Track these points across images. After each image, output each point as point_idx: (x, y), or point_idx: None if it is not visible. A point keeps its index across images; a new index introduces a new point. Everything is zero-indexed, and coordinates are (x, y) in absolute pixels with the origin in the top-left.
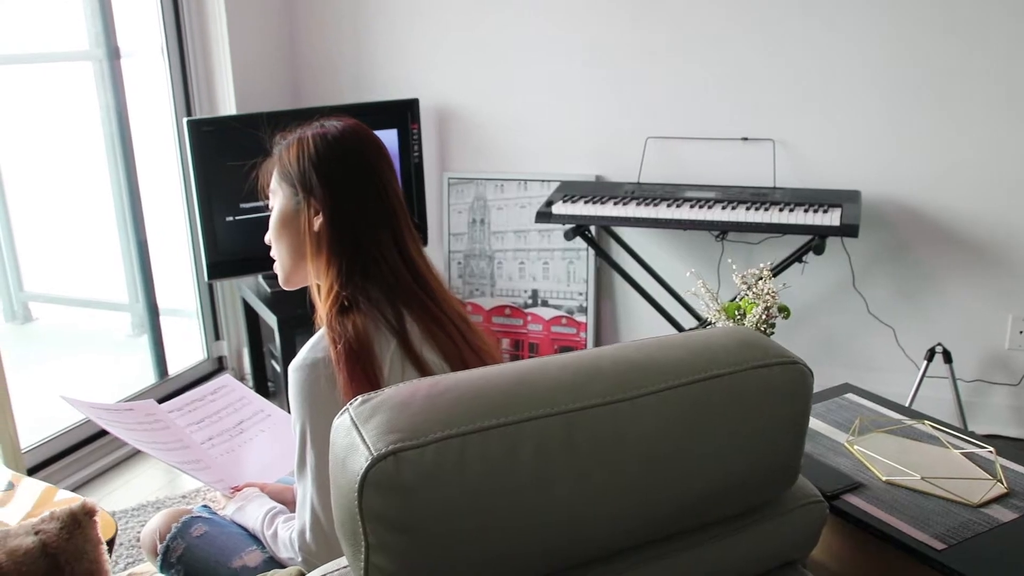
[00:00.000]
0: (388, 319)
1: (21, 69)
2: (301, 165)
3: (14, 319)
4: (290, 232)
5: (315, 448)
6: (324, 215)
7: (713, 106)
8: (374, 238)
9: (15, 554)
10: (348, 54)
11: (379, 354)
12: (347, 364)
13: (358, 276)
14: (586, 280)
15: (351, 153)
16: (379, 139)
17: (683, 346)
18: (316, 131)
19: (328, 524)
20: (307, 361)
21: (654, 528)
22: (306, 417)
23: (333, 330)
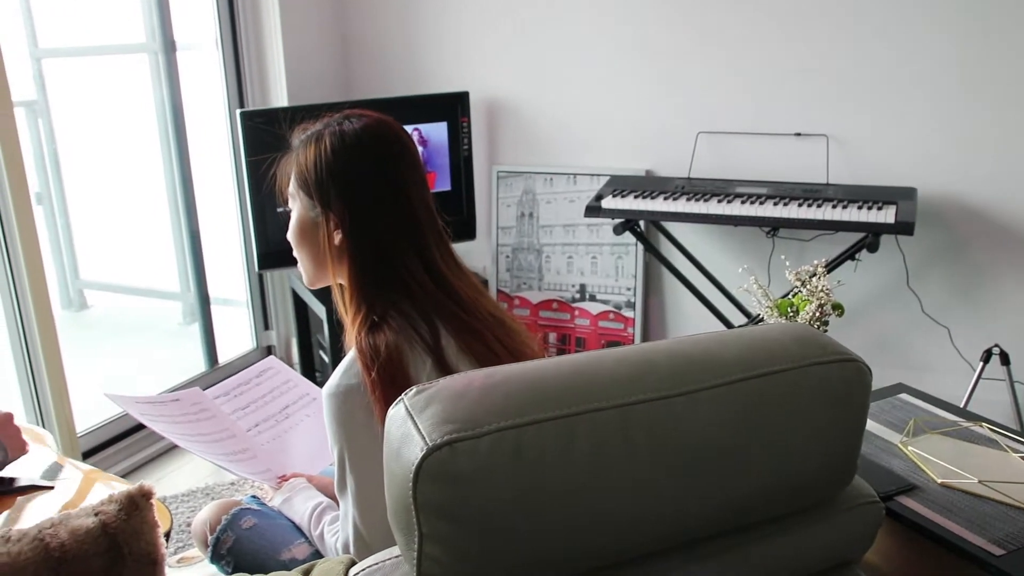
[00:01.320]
0: (422, 335)
1: (80, 62)
2: (318, 172)
3: (70, 306)
4: (310, 243)
5: (355, 472)
6: (343, 231)
7: (766, 101)
8: (398, 253)
9: (77, 533)
10: (399, 47)
11: (414, 376)
12: (382, 392)
13: (383, 291)
14: (634, 275)
15: (370, 160)
16: (404, 137)
17: (740, 342)
18: (334, 130)
19: (372, 540)
20: (340, 388)
21: (708, 525)
22: (344, 443)
23: (364, 355)
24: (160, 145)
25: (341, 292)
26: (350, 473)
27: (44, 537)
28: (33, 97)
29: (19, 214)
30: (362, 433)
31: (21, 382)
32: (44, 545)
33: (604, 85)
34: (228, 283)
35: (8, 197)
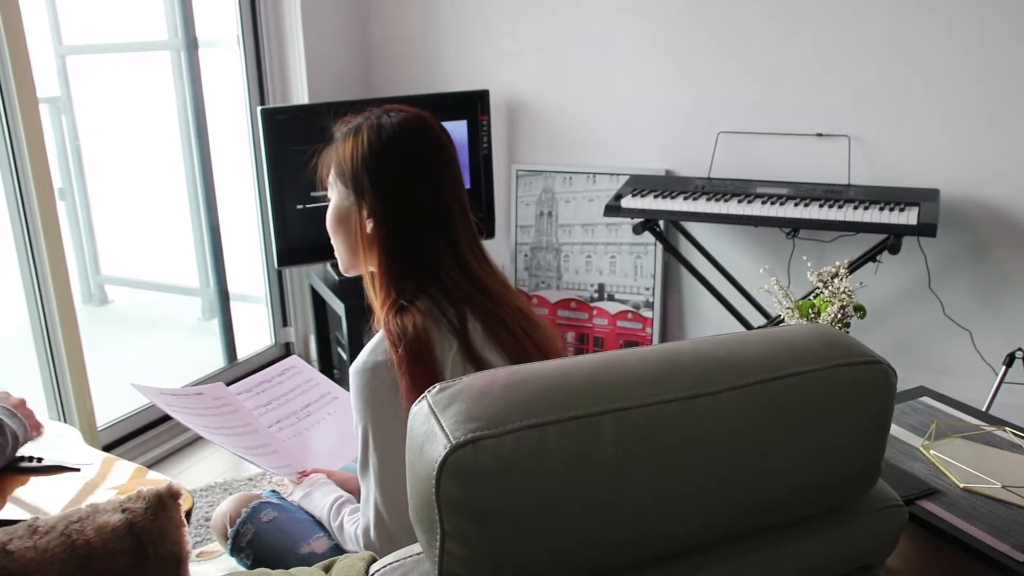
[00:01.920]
0: (449, 319)
1: (103, 59)
2: (354, 164)
3: (91, 301)
4: (345, 230)
5: (378, 450)
6: (375, 221)
7: (787, 101)
8: (428, 245)
9: (103, 530)
10: (419, 45)
11: (440, 356)
12: (408, 368)
13: (412, 280)
14: (653, 275)
15: (406, 154)
16: (442, 133)
17: (764, 342)
18: (372, 123)
19: (392, 523)
20: (368, 365)
21: (730, 526)
22: (368, 420)
23: (391, 333)
24: (181, 142)
25: (372, 279)
26: (373, 452)
27: (70, 533)
28: (57, 93)
29: (43, 209)
30: (387, 411)
31: (43, 375)
32: (71, 542)
33: (625, 84)
34: (247, 279)
35: (32, 192)
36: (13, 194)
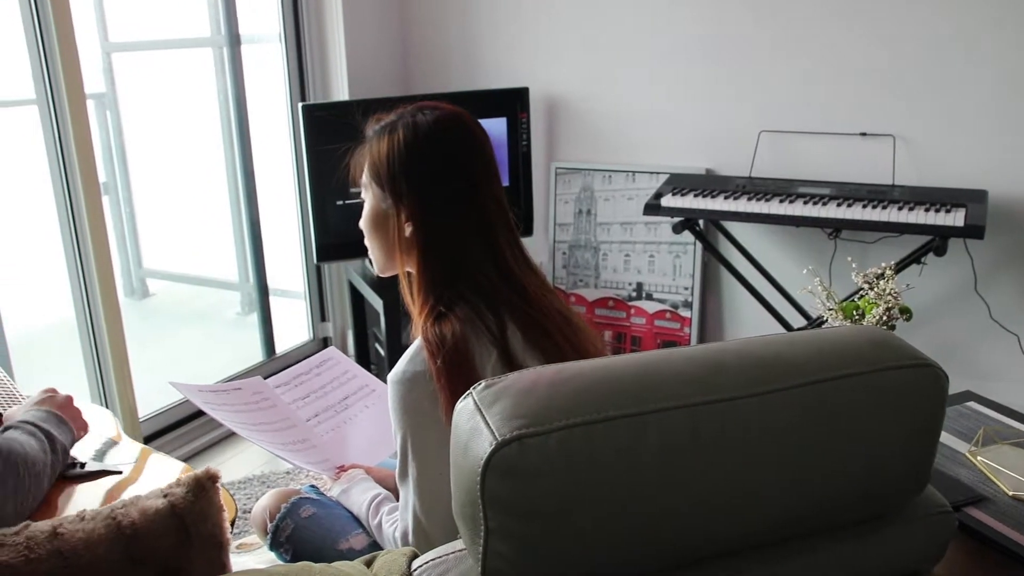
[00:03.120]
0: (488, 327)
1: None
2: (390, 165)
3: (133, 294)
4: (381, 233)
5: (417, 459)
6: (414, 225)
7: (830, 100)
8: (467, 248)
9: (147, 513)
10: (459, 42)
11: (479, 366)
12: (448, 381)
13: (451, 283)
14: (692, 275)
15: (443, 153)
16: (478, 130)
17: (812, 343)
18: (407, 122)
19: (431, 530)
20: (407, 375)
21: (776, 529)
22: (407, 430)
23: (430, 343)
24: (222, 137)
25: (409, 282)
26: (412, 461)
27: (116, 516)
28: (102, 90)
29: (89, 204)
30: (426, 420)
31: (87, 367)
32: (116, 523)
33: (665, 82)
34: (286, 274)
35: (79, 187)
36: (60, 188)
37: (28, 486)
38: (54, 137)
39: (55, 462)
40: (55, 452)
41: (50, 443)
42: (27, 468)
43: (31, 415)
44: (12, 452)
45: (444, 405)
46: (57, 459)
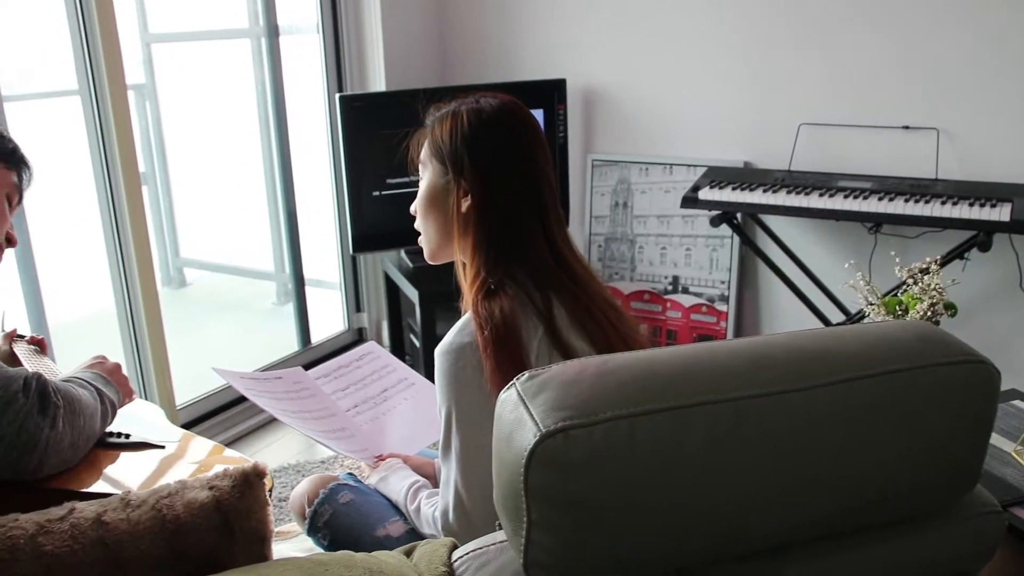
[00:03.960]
0: (536, 304)
1: (186, 47)
2: (454, 142)
3: (170, 283)
4: (437, 210)
5: (460, 432)
6: (473, 199)
7: (873, 92)
8: (522, 225)
9: (191, 506)
10: (497, 33)
11: (526, 340)
12: (494, 350)
13: (504, 261)
14: (729, 268)
15: (505, 135)
16: (535, 119)
17: (859, 338)
18: (471, 106)
19: (472, 506)
20: (454, 346)
21: (820, 525)
22: (452, 402)
23: (479, 315)
24: (260, 128)
25: (463, 267)
26: (456, 433)
27: (161, 508)
28: (142, 81)
29: (129, 194)
30: (471, 392)
31: (127, 355)
32: (161, 516)
33: (704, 74)
34: (321, 265)
35: (120, 177)
36: (102, 178)
37: (83, 424)
38: (96, 127)
39: (105, 412)
40: (104, 404)
41: (99, 395)
42: (81, 408)
43: (79, 373)
44: (69, 392)
45: (489, 375)
46: (107, 410)
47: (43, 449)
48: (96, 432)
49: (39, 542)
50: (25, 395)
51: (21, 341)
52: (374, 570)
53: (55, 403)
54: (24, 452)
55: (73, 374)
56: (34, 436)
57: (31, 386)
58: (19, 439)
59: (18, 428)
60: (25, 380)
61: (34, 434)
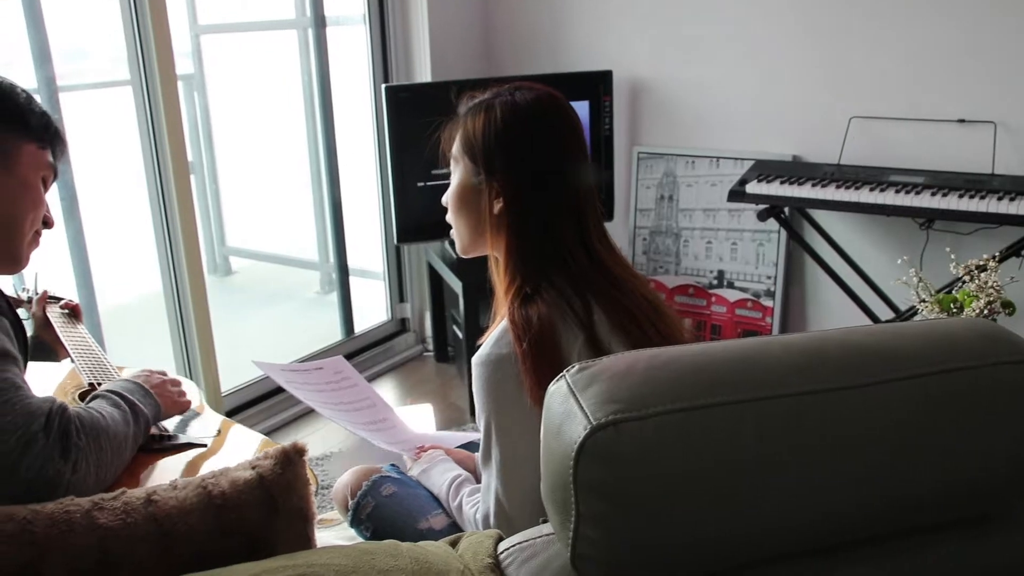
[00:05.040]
0: (575, 310)
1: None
2: (486, 140)
3: (216, 272)
4: (469, 209)
5: (500, 442)
6: (505, 202)
7: (927, 85)
8: (558, 229)
9: (236, 483)
10: (542, 24)
11: (565, 348)
12: (533, 362)
13: (539, 264)
14: (775, 263)
15: (541, 132)
16: (573, 113)
17: (918, 335)
18: (506, 100)
19: (513, 513)
20: (491, 357)
21: (876, 525)
22: (491, 412)
23: (516, 325)
24: (305, 118)
25: (495, 261)
26: (496, 444)
27: (207, 485)
28: (191, 71)
29: (178, 183)
30: (510, 403)
31: (173, 341)
32: (207, 493)
33: (751, 66)
34: (365, 255)
35: (169, 166)
36: (151, 167)
37: (109, 458)
38: (146, 117)
39: (137, 433)
40: (137, 423)
41: (133, 414)
42: (108, 440)
43: (118, 385)
44: (95, 424)
45: (530, 389)
46: (139, 430)
47: (62, 493)
48: (126, 459)
49: (94, 516)
50: (46, 434)
51: (55, 305)
52: (420, 559)
53: (76, 444)
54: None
55: (111, 386)
56: (53, 481)
57: (53, 425)
58: (37, 483)
59: (37, 472)
60: (48, 416)
61: (54, 479)
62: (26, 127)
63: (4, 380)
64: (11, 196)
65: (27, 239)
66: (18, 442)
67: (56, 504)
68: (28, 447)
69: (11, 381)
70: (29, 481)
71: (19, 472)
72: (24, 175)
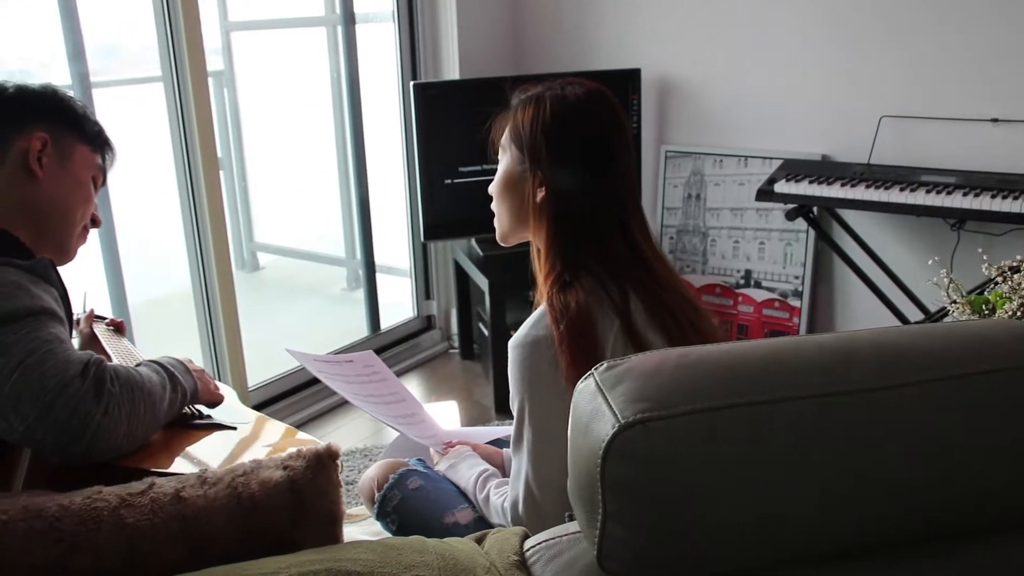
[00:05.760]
0: (612, 297)
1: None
2: (534, 131)
3: (244, 267)
4: (513, 196)
5: (532, 425)
6: (548, 190)
7: (959, 83)
8: (598, 220)
9: (266, 485)
10: (571, 21)
11: (601, 334)
12: (569, 344)
13: (579, 256)
14: (803, 263)
15: (586, 126)
16: (620, 109)
17: (951, 336)
18: (555, 94)
19: (542, 499)
20: (528, 339)
21: (906, 529)
22: (525, 395)
23: (554, 308)
24: (334, 115)
25: (537, 251)
26: (528, 426)
27: (236, 485)
28: (221, 67)
29: (207, 179)
30: (545, 386)
31: (202, 335)
32: (236, 494)
33: (781, 64)
34: (392, 252)
35: (199, 162)
36: (181, 163)
37: (142, 413)
38: (177, 114)
39: (173, 399)
40: (175, 391)
41: (171, 382)
42: (143, 395)
43: (161, 358)
44: (130, 378)
45: (564, 369)
46: (176, 397)
47: (91, 436)
48: (160, 420)
49: (121, 514)
50: (82, 379)
51: (100, 323)
52: (446, 556)
53: (110, 390)
54: (73, 438)
55: (154, 358)
56: (83, 421)
57: (89, 371)
58: (70, 424)
59: (70, 413)
60: (85, 365)
61: (84, 419)
62: (81, 131)
63: (49, 334)
64: (65, 190)
65: (76, 232)
66: (56, 384)
67: (84, 499)
68: (64, 388)
69: (55, 335)
70: (62, 422)
71: (53, 412)
72: (77, 172)
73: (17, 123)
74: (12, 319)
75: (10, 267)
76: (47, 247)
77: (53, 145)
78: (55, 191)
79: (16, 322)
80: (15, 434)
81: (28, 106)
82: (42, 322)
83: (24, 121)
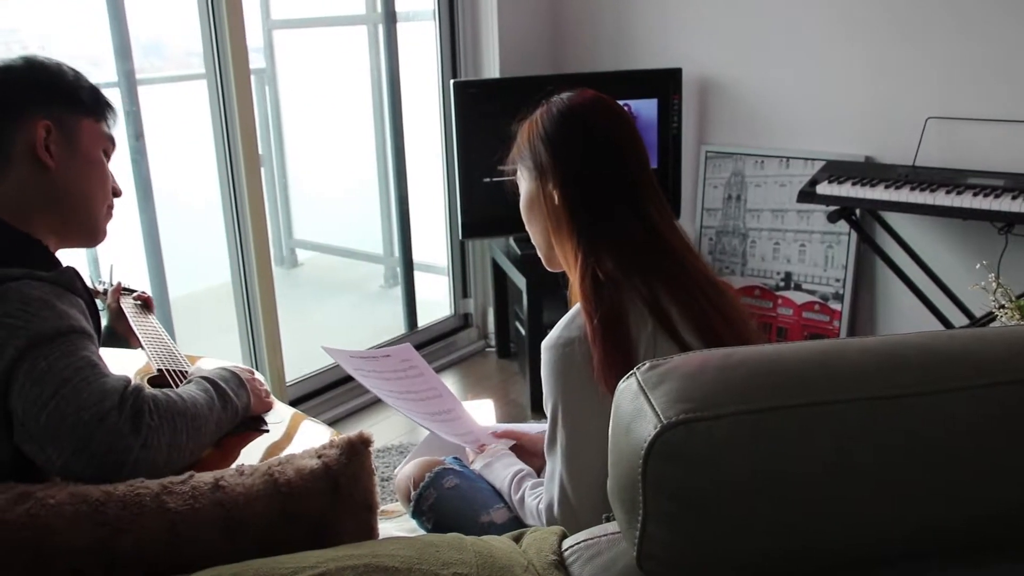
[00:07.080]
0: (643, 295)
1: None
2: (533, 145)
3: (282, 263)
4: (536, 214)
5: (567, 428)
6: (557, 188)
7: (1007, 84)
8: (610, 206)
9: (302, 472)
10: (611, 21)
11: (634, 334)
12: (602, 342)
13: (598, 245)
14: (845, 266)
15: (579, 121)
16: (616, 106)
17: (1002, 341)
18: (543, 109)
19: (577, 501)
20: (561, 339)
21: (953, 537)
22: (559, 396)
23: (589, 303)
24: (373, 113)
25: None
26: (562, 428)
27: (273, 473)
28: (263, 65)
29: (248, 175)
30: (579, 387)
31: (241, 330)
32: (273, 480)
33: (824, 64)
34: (430, 249)
35: (240, 159)
36: (223, 160)
37: (184, 440)
38: (220, 111)
39: (222, 419)
40: (225, 409)
41: (221, 400)
42: (185, 421)
43: (213, 372)
44: (171, 406)
45: (597, 364)
46: (226, 416)
47: (129, 471)
48: (206, 442)
49: (163, 500)
50: (119, 412)
51: (128, 296)
52: (484, 554)
53: (148, 424)
54: (112, 472)
55: (206, 372)
56: (121, 457)
57: (127, 403)
58: (108, 459)
59: (108, 447)
60: (122, 396)
61: (122, 454)
62: (80, 103)
63: (81, 359)
64: (81, 174)
65: (102, 213)
66: (92, 418)
67: (127, 487)
68: (101, 422)
69: (88, 359)
70: (100, 456)
71: (91, 447)
72: (88, 151)
73: (12, 114)
74: (42, 342)
75: (32, 280)
76: (75, 236)
77: (57, 129)
78: (71, 177)
79: (46, 345)
80: (53, 466)
81: (19, 92)
82: (73, 343)
83: (19, 110)
